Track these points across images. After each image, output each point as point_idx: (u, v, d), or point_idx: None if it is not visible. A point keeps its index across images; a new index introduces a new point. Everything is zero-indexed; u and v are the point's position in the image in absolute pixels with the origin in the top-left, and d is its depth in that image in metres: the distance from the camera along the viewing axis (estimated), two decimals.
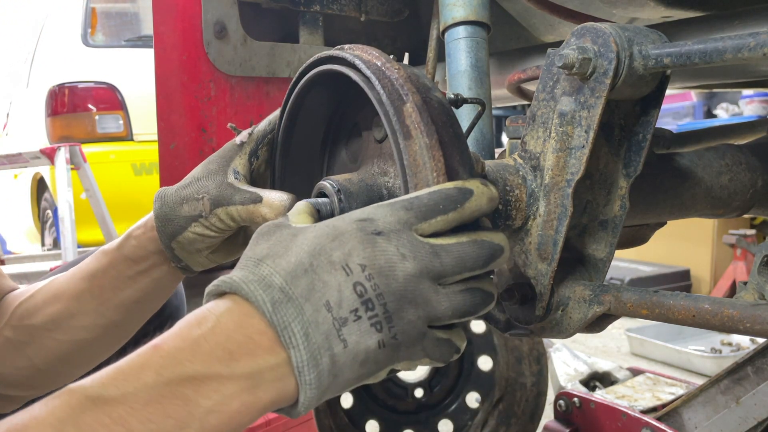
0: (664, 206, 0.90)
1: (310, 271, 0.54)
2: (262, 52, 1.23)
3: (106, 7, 5.01)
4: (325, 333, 0.53)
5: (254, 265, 0.56)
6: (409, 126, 0.62)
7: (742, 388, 1.31)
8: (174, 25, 1.16)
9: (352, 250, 0.55)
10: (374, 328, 0.54)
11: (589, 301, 0.76)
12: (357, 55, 0.68)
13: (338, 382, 0.55)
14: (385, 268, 0.55)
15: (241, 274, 0.55)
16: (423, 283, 0.56)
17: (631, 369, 2.57)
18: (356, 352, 0.54)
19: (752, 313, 0.63)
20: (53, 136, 4.52)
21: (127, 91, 4.59)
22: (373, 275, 0.54)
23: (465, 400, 1.86)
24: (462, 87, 0.93)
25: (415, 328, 0.56)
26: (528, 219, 0.77)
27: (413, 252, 0.56)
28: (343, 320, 0.53)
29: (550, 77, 0.75)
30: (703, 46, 0.64)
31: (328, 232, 0.57)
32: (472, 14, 0.94)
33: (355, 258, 0.55)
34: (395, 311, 0.55)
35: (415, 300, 0.55)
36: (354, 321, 0.54)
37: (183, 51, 1.16)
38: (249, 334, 0.53)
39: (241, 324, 0.53)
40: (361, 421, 1.78)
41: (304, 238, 0.57)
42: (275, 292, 0.53)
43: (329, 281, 0.54)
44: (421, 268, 0.56)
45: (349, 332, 0.53)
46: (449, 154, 0.63)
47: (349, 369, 0.54)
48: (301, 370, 0.52)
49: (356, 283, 0.54)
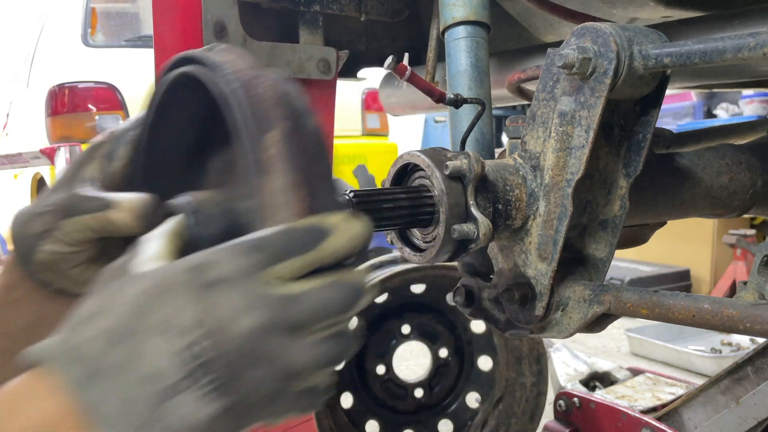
0: (664, 206, 0.90)
1: (129, 338, 0.47)
2: (262, 52, 1.23)
3: (106, 7, 5.00)
4: (145, 410, 0.45)
5: (72, 329, 0.49)
6: (267, 160, 0.53)
7: (742, 388, 1.31)
8: (174, 25, 1.16)
9: (180, 308, 0.47)
10: (213, 394, 0.46)
11: (589, 301, 0.76)
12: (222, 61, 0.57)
13: None
14: (223, 325, 0.47)
15: (52, 341, 0.48)
16: (273, 338, 0.48)
17: (631, 369, 2.57)
18: (191, 426, 0.46)
19: (752, 313, 0.63)
20: (53, 136, 4.51)
21: (127, 91, 4.58)
22: (208, 334, 0.47)
23: (465, 400, 1.86)
24: (462, 87, 0.93)
25: (267, 388, 0.48)
26: (528, 219, 0.77)
27: (258, 303, 0.48)
28: (167, 393, 0.46)
29: (550, 77, 0.75)
30: (703, 46, 0.64)
31: (155, 284, 0.49)
32: (472, 14, 0.94)
33: (183, 318, 0.47)
34: (238, 373, 0.47)
35: (263, 358, 0.48)
36: (185, 391, 0.46)
37: (183, 51, 1.16)
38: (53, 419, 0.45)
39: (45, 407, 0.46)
40: (361, 421, 1.78)
41: (130, 292, 0.49)
42: (86, 365, 0.46)
43: (148, 350, 0.46)
44: (269, 320, 0.48)
45: (179, 404, 0.46)
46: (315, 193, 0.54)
47: None
48: None
49: (185, 347, 0.46)
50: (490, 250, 0.84)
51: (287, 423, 2.23)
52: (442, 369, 1.86)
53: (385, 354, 1.81)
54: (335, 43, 1.32)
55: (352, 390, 1.79)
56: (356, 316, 1.44)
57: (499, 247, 0.82)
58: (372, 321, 1.79)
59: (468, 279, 0.89)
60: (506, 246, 0.81)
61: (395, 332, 1.82)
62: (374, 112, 5.38)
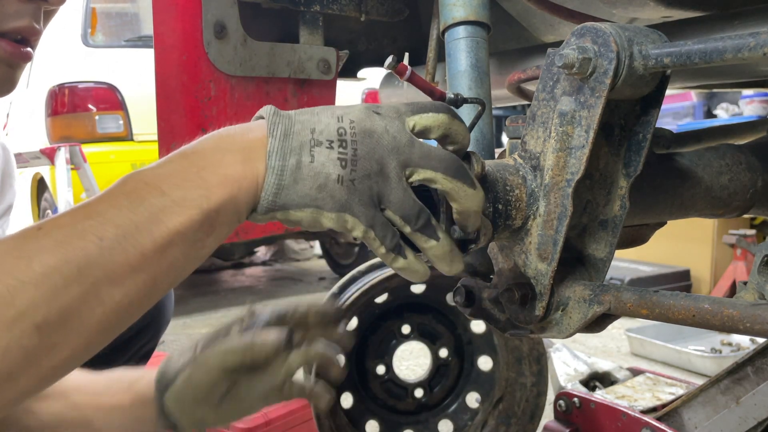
0: (664, 206, 0.90)
1: (313, 113, 0.66)
2: (262, 52, 1.23)
3: (106, 7, 5.00)
4: (301, 142, 0.64)
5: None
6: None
7: (742, 388, 1.31)
8: (174, 25, 1.16)
9: (351, 112, 0.66)
10: (340, 162, 0.63)
11: (589, 301, 0.76)
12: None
13: (297, 190, 0.63)
14: (368, 130, 0.65)
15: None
16: (390, 159, 0.65)
17: (631, 369, 2.57)
18: (318, 172, 0.63)
19: (752, 313, 0.63)
20: (53, 136, 4.51)
21: (127, 91, 4.58)
22: (355, 128, 0.65)
23: (465, 400, 1.86)
24: (462, 87, 0.93)
25: (370, 189, 0.64)
26: (528, 219, 0.77)
27: (396, 132, 0.66)
28: (318, 142, 0.64)
29: (550, 77, 0.75)
30: (703, 46, 0.64)
31: (343, 106, 0.68)
32: (472, 14, 0.94)
33: (350, 116, 0.66)
34: (361, 160, 0.64)
35: (378, 164, 0.64)
36: (327, 148, 0.63)
37: (183, 51, 1.16)
38: (250, 126, 0.66)
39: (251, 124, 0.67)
40: (361, 421, 1.78)
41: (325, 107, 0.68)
42: (283, 115, 0.66)
43: (322, 119, 0.65)
44: (395, 145, 0.65)
45: (319, 153, 0.63)
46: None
47: (308, 182, 0.63)
48: (271, 154, 0.63)
49: (341, 127, 0.64)
50: (490, 250, 0.84)
51: (287, 423, 2.20)
52: (442, 369, 1.86)
53: (385, 354, 1.81)
54: (335, 43, 1.32)
55: (352, 390, 1.79)
56: (356, 317, 1.45)
57: (499, 247, 0.82)
58: (372, 321, 1.79)
59: (468, 279, 0.89)
60: (506, 246, 0.81)
61: (395, 332, 1.82)
62: None
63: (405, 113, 0.67)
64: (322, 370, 0.92)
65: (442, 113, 0.68)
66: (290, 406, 2.09)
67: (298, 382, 0.89)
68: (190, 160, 0.63)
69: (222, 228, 0.63)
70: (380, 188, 0.64)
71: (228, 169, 0.62)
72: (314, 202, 0.63)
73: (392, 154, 0.65)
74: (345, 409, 1.76)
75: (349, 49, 1.41)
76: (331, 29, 1.36)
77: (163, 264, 0.60)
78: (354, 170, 0.63)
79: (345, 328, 0.94)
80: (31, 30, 0.89)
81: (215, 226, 0.62)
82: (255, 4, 1.23)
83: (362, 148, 0.64)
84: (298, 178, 0.63)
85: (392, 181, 0.64)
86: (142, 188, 0.60)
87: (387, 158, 0.64)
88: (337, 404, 1.74)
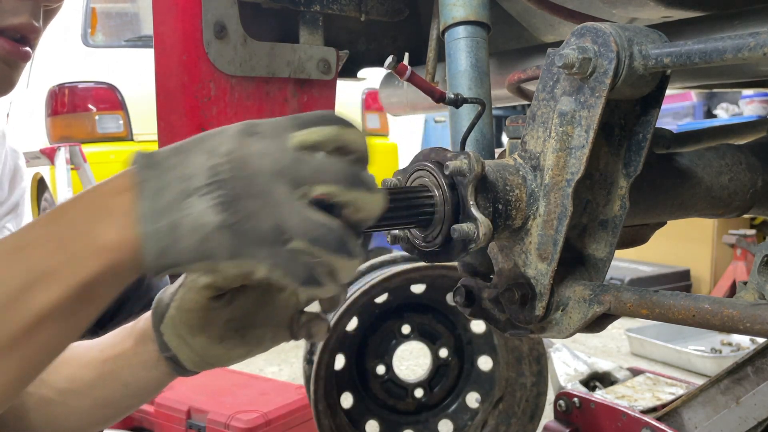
0: (664, 206, 0.90)
1: (185, 154, 0.61)
2: (262, 52, 1.23)
3: (106, 7, 5.00)
4: (173, 197, 0.59)
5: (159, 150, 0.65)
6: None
7: (742, 388, 1.31)
8: (174, 25, 1.16)
9: (223, 141, 0.61)
10: (218, 207, 0.58)
11: (589, 301, 0.76)
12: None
13: (180, 248, 0.58)
14: (242, 159, 0.59)
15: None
16: (276, 184, 0.58)
17: (631, 369, 2.57)
18: (196, 225, 0.58)
19: (752, 313, 0.63)
20: (53, 136, 4.51)
21: (127, 91, 4.58)
22: (232, 162, 0.59)
23: (465, 400, 1.86)
24: (462, 87, 0.93)
25: (262, 225, 0.58)
26: (528, 219, 0.77)
27: (276, 152, 0.60)
28: (191, 192, 0.59)
29: (550, 77, 0.75)
30: (703, 46, 0.64)
31: (219, 130, 0.63)
32: (472, 14, 0.94)
33: (222, 147, 0.60)
34: (241, 197, 0.58)
35: (262, 194, 0.58)
36: (201, 195, 0.58)
37: (183, 51, 1.16)
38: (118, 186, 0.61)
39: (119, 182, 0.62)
40: (361, 421, 1.78)
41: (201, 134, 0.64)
42: (152, 165, 0.61)
43: (192, 160, 0.60)
44: (278, 168, 0.59)
45: (193, 204, 0.58)
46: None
47: (188, 238, 0.58)
48: (142, 219, 0.59)
49: (214, 164, 0.59)
50: (490, 250, 0.84)
51: (287, 423, 2.21)
52: (442, 369, 1.86)
53: (385, 354, 1.81)
54: (335, 43, 1.32)
55: (352, 390, 1.79)
56: (356, 317, 1.44)
57: (499, 247, 0.82)
58: (372, 321, 1.79)
59: (468, 279, 0.89)
60: (506, 246, 0.81)
61: (395, 332, 1.82)
62: (374, 112, 5.37)
63: (287, 128, 0.61)
64: (327, 307, 0.85)
65: (329, 125, 0.62)
66: (290, 406, 2.09)
67: (307, 315, 0.82)
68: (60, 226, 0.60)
69: (104, 295, 0.61)
70: (274, 219, 0.58)
71: (101, 240, 0.59)
72: (203, 255, 0.59)
73: (277, 177, 0.58)
74: (345, 409, 1.77)
75: (349, 49, 1.41)
76: (331, 29, 1.36)
77: (36, 344, 0.58)
78: (235, 212, 0.58)
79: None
80: (30, 27, 0.87)
81: (94, 297, 0.60)
82: (255, 4, 1.23)
83: (239, 183, 0.58)
84: (178, 237, 0.58)
85: (284, 207, 0.58)
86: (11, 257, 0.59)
87: (271, 184, 0.58)
88: (337, 404, 1.74)
